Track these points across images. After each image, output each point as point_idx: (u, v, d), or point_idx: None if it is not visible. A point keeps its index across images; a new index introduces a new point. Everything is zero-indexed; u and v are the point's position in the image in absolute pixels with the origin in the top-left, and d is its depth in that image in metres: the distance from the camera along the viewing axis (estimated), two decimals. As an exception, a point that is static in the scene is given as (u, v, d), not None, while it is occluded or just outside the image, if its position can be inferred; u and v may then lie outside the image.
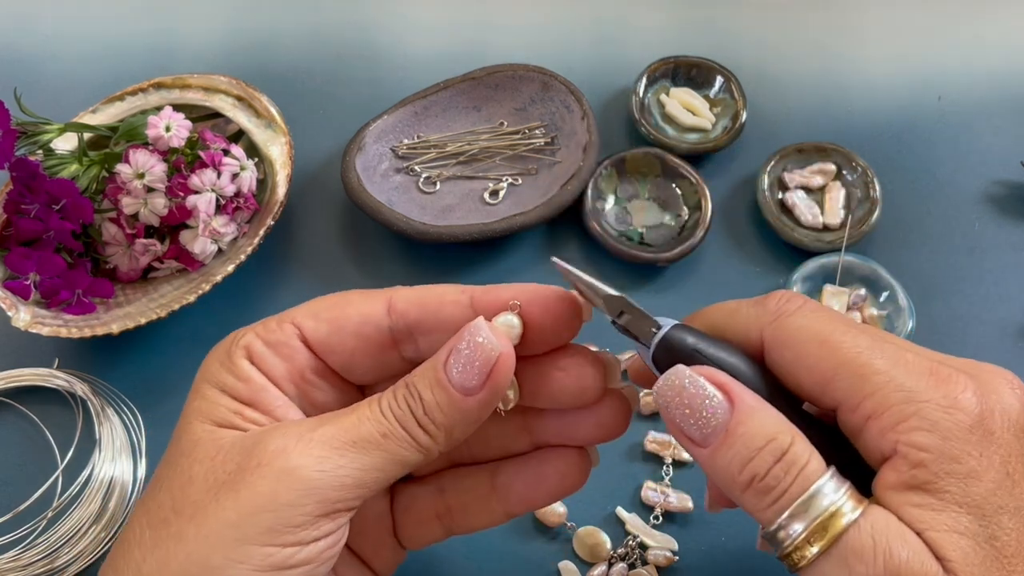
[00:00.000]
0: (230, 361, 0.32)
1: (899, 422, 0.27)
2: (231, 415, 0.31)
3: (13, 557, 0.43)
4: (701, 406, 0.28)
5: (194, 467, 0.30)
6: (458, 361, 0.30)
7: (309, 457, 0.29)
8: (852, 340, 0.29)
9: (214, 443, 0.30)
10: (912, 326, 0.49)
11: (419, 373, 0.31)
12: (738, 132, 0.56)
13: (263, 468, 0.29)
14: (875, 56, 0.62)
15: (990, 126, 0.59)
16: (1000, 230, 0.55)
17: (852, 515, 0.26)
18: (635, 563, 0.44)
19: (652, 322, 0.32)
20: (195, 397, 0.32)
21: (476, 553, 0.44)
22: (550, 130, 0.56)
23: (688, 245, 0.51)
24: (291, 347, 0.32)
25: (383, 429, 0.30)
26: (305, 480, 0.28)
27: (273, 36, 0.62)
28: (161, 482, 0.30)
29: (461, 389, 0.30)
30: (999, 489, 0.26)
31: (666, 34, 0.62)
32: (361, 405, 0.31)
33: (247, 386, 0.31)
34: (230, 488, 0.29)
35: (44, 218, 0.45)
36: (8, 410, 0.48)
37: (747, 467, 0.28)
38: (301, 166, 0.56)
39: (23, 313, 0.45)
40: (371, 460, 0.30)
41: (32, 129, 0.49)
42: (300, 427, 0.30)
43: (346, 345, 0.33)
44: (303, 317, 0.33)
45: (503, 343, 0.30)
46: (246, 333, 0.32)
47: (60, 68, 0.60)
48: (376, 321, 0.32)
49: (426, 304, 0.32)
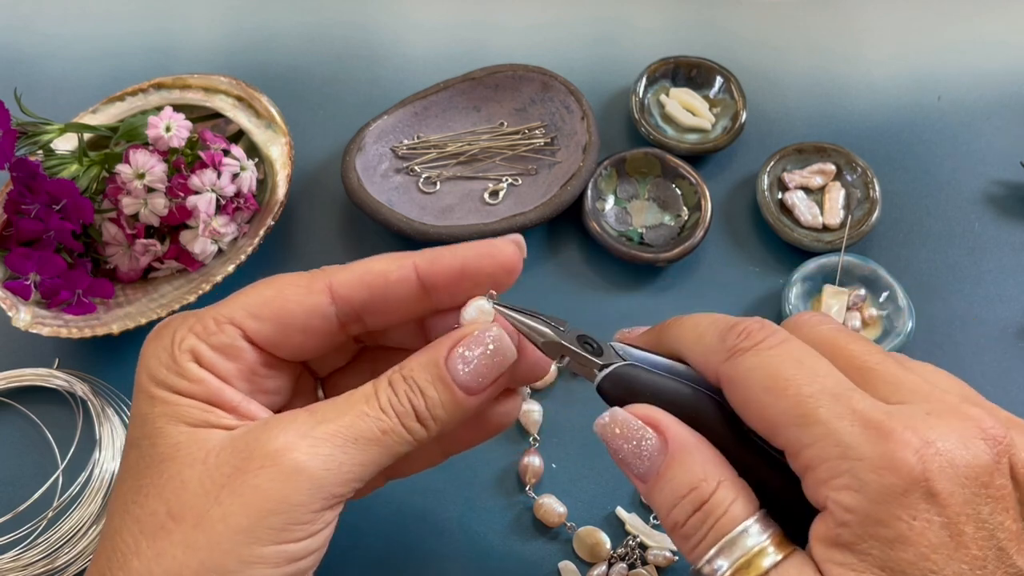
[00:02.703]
0: (177, 365, 0.31)
1: (831, 478, 0.26)
2: (203, 414, 0.30)
3: (13, 557, 0.43)
4: (638, 447, 0.30)
5: (184, 471, 0.29)
6: (467, 362, 0.31)
7: (315, 456, 0.29)
8: (798, 386, 0.28)
9: (198, 445, 0.30)
10: (912, 326, 0.49)
11: (418, 367, 0.31)
12: (738, 132, 0.56)
13: (268, 469, 0.29)
14: (875, 56, 0.62)
15: (990, 126, 0.59)
16: (1000, 230, 0.55)
17: (774, 557, 0.27)
18: (635, 563, 0.44)
19: (594, 363, 0.32)
20: (149, 400, 0.31)
21: (476, 553, 0.44)
22: (550, 130, 0.56)
23: (688, 245, 0.52)
24: (237, 347, 0.32)
25: (384, 426, 0.30)
26: (313, 479, 0.29)
27: (273, 36, 0.62)
28: (146, 489, 0.30)
29: (466, 389, 0.31)
30: (934, 554, 0.25)
31: (666, 34, 0.62)
32: (357, 398, 0.31)
33: (203, 387, 0.31)
34: (232, 491, 0.28)
35: (44, 218, 0.45)
36: (8, 410, 0.48)
37: (670, 514, 0.29)
38: (301, 166, 0.56)
39: (23, 313, 0.45)
40: (371, 455, 0.30)
41: (32, 129, 0.49)
42: (297, 423, 0.30)
43: (294, 340, 0.32)
44: (243, 317, 0.32)
45: (514, 351, 0.32)
46: (186, 336, 0.31)
47: (60, 68, 0.60)
48: (321, 313, 0.32)
49: (371, 286, 0.32)
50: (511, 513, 0.45)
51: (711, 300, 0.52)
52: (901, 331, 0.48)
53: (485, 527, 0.45)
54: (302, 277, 0.33)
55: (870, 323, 0.50)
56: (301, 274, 0.33)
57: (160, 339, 0.32)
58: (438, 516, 0.45)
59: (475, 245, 0.33)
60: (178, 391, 0.31)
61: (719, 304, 0.52)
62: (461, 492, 0.46)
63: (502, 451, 0.47)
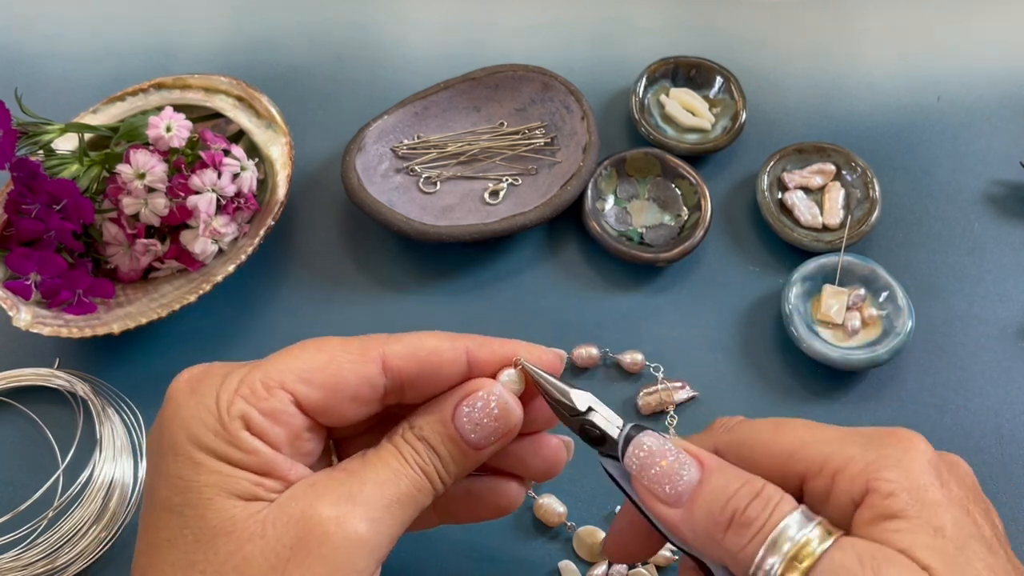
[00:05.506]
0: (228, 434, 0.30)
1: (866, 465, 0.29)
2: (254, 488, 0.30)
3: (13, 557, 0.43)
4: (672, 465, 0.30)
5: (245, 547, 0.29)
6: (472, 420, 0.32)
7: (370, 522, 0.30)
8: (797, 424, 0.32)
9: (254, 519, 0.29)
10: (911, 326, 0.49)
11: (428, 427, 0.32)
12: (738, 132, 0.56)
13: (330, 539, 0.29)
14: (875, 56, 0.62)
15: (989, 126, 0.59)
16: (1000, 230, 0.55)
17: (827, 542, 0.28)
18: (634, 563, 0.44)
19: (607, 451, 0.33)
20: (194, 467, 0.30)
21: (476, 553, 0.44)
22: (550, 130, 0.56)
23: (688, 245, 0.52)
24: (288, 414, 0.31)
25: (418, 485, 0.32)
26: (368, 544, 0.30)
27: (273, 36, 0.62)
28: (201, 565, 0.29)
29: (474, 446, 0.33)
30: (963, 519, 0.28)
31: (666, 34, 0.62)
32: (385, 460, 0.32)
33: (257, 458, 0.30)
34: (299, 564, 0.29)
35: (45, 218, 0.45)
36: (9, 410, 0.48)
37: (728, 504, 0.29)
38: (301, 166, 0.56)
39: (24, 313, 0.45)
40: (409, 513, 0.32)
41: (33, 129, 0.49)
42: (343, 491, 0.30)
43: (342, 409, 0.32)
44: (294, 382, 0.31)
45: (520, 410, 0.33)
46: (234, 399, 0.30)
47: (60, 68, 0.60)
48: (372, 383, 0.32)
49: (423, 362, 0.33)
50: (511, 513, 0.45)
51: (711, 300, 0.52)
52: (901, 331, 0.48)
53: (485, 527, 0.45)
54: (353, 343, 0.33)
55: (870, 323, 0.50)
56: (351, 340, 0.33)
57: (202, 397, 0.31)
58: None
59: (526, 344, 0.34)
60: (230, 461, 0.30)
61: (719, 304, 0.52)
62: (461, 492, 0.46)
63: (502, 451, 0.47)
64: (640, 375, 0.49)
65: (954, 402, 0.49)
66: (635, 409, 0.48)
